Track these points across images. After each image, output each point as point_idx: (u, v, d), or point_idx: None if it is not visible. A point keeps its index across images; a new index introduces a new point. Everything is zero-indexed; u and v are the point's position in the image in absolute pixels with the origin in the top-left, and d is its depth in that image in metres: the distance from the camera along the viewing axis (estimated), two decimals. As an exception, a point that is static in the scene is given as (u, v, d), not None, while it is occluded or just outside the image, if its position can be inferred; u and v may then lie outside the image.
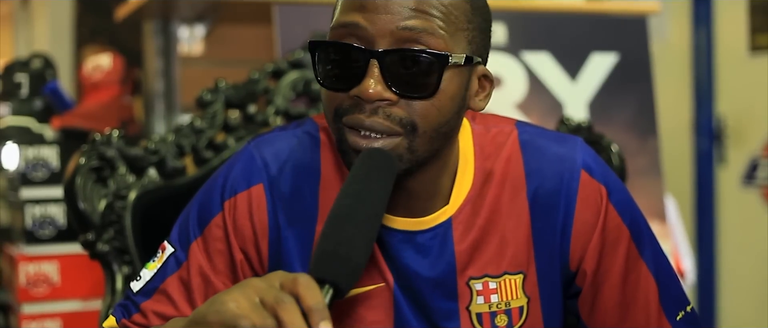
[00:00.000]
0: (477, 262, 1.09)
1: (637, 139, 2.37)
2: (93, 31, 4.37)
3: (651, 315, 1.11)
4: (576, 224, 1.10)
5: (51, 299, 2.30)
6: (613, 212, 1.11)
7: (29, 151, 2.33)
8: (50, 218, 2.32)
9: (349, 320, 1.10)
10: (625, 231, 1.11)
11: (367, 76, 0.96)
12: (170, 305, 1.09)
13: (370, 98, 0.96)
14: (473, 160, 1.10)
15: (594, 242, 1.10)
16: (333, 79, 1.00)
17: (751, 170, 3.33)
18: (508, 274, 1.10)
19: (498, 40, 2.30)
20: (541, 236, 1.10)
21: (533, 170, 1.10)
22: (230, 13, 2.47)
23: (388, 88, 0.97)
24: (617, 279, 1.11)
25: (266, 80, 1.57)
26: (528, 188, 1.10)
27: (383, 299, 1.10)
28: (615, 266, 1.11)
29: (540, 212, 1.10)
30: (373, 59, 0.96)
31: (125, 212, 1.41)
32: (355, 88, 0.97)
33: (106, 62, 3.00)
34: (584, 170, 1.10)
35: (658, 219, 2.32)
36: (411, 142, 0.99)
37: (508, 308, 1.10)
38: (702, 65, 3.45)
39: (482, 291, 1.09)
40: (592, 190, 1.10)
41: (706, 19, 3.43)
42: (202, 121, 1.50)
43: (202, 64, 2.64)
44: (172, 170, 1.45)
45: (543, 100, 2.31)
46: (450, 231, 1.09)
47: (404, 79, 0.97)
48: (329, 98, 1.01)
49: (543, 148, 1.11)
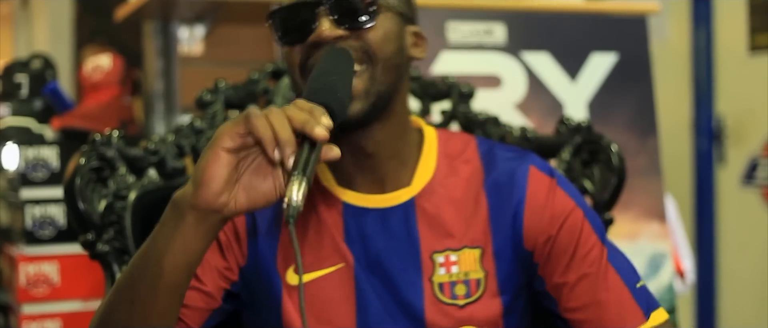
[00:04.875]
0: (439, 239, 1.20)
1: (637, 139, 2.37)
2: (93, 31, 4.37)
3: (608, 281, 1.18)
4: (528, 203, 1.20)
5: (51, 300, 2.30)
6: (561, 192, 1.21)
7: (29, 152, 2.33)
8: (50, 219, 2.31)
9: (314, 300, 1.19)
10: (575, 208, 1.21)
11: (319, 22, 1.12)
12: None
13: (327, 38, 1.12)
14: (436, 151, 1.23)
15: (545, 217, 1.20)
16: (292, 35, 1.15)
17: (750, 169, 3.33)
18: (467, 247, 1.20)
19: (497, 40, 2.30)
20: (497, 219, 1.20)
21: (490, 164, 1.23)
22: (230, 13, 2.47)
23: (340, 27, 1.12)
24: (571, 250, 1.19)
25: (266, 81, 1.57)
26: (485, 179, 1.22)
27: (345, 279, 1.19)
28: (568, 238, 1.19)
29: (496, 198, 1.21)
30: (320, 7, 1.12)
31: (125, 212, 1.41)
32: (313, 35, 1.12)
33: (106, 63, 3.00)
34: (532, 166, 1.22)
35: (657, 219, 2.32)
36: (372, 72, 1.13)
37: (466, 279, 1.20)
38: (702, 65, 3.45)
39: (444, 263, 1.19)
40: (540, 178, 1.22)
41: (706, 19, 3.44)
42: (202, 122, 1.50)
43: (201, 65, 2.65)
44: (172, 170, 1.46)
45: (543, 100, 2.31)
46: (413, 210, 1.19)
47: (349, 15, 1.12)
48: (292, 55, 1.15)
49: (498, 150, 1.25)
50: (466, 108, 1.61)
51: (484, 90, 2.11)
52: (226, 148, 0.98)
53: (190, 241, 1.02)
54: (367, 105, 1.13)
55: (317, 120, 0.98)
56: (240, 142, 0.98)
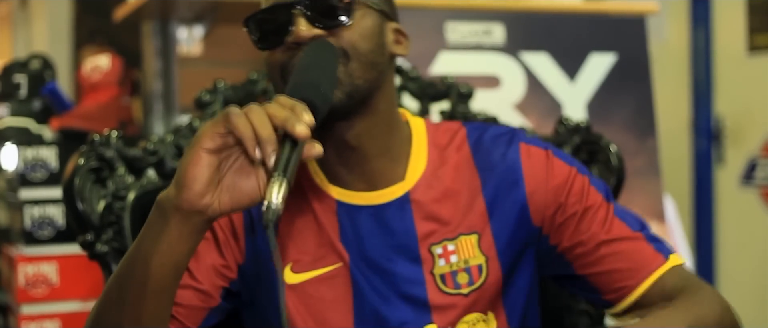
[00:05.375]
0: (436, 230, 1.19)
1: (636, 140, 2.38)
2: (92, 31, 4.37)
3: (618, 232, 1.19)
4: (527, 181, 1.21)
5: (50, 300, 2.30)
6: (558, 162, 1.22)
7: (28, 152, 2.33)
8: (49, 219, 2.31)
9: (311, 300, 1.18)
10: (575, 172, 1.22)
11: (296, 23, 1.12)
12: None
13: (304, 38, 1.11)
14: (426, 144, 1.23)
15: (550, 191, 1.20)
16: (269, 39, 1.15)
17: (749, 170, 3.33)
18: (462, 235, 1.20)
19: (496, 41, 2.30)
20: (495, 202, 1.21)
21: (480, 149, 1.23)
22: (229, 13, 2.47)
23: (315, 27, 1.12)
24: (579, 213, 1.20)
25: (265, 81, 1.57)
26: (476, 162, 1.22)
27: (341, 278, 1.18)
28: (574, 202, 1.20)
29: (491, 182, 1.21)
30: (296, 8, 1.12)
31: (124, 212, 1.41)
32: (290, 36, 1.12)
33: (105, 63, 3.00)
34: (522, 142, 1.23)
35: (656, 219, 2.32)
36: (347, 67, 1.12)
37: (467, 266, 1.19)
38: (700, 65, 3.45)
39: (443, 254, 1.19)
40: (534, 153, 1.22)
41: (705, 20, 3.43)
42: (201, 122, 1.50)
43: (200, 65, 2.65)
44: (171, 170, 1.45)
45: (542, 101, 2.31)
46: (408, 205, 1.19)
47: (326, 14, 1.12)
48: (271, 59, 1.15)
49: (486, 133, 1.25)
50: (465, 108, 1.61)
51: (483, 90, 2.11)
52: (207, 149, 0.97)
53: (175, 242, 1.01)
54: (344, 96, 1.12)
55: (299, 117, 0.97)
56: (221, 142, 0.97)
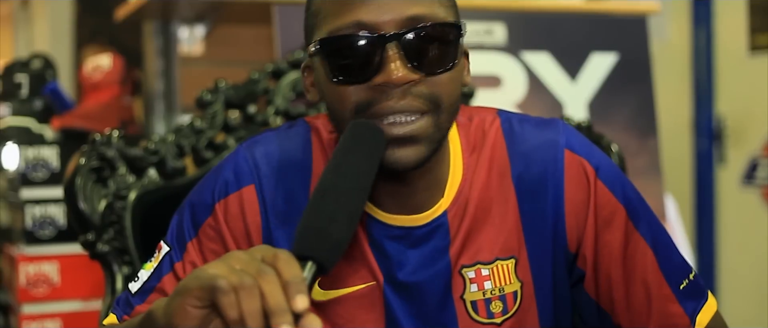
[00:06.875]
0: (469, 250, 1.10)
1: (637, 139, 2.38)
2: (93, 31, 4.37)
3: (652, 288, 1.10)
4: (567, 205, 1.10)
5: (51, 300, 2.30)
6: (603, 189, 1.10)
7: (29, 152, 2.33)
8: (50, 219, 2.32)
9: (341, 320, 1.11)
10: (618, 206, 1.11)
11: (389, 60, 0.96)
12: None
13: (398, 82, 0.96)
14: (461, 152, 1.12)
15: (589, 221, 1.10)
16: (351, 73, 0.99)
17: (750, 169, 3.33)
18: (499, 259, 1.10)
19: (498, 40, 2.30)
20: (531, 220, 1.10)
21: (517, 154, 1.11)
22: (230, 13, 2.47)
23: (413, 69, 0.97)
24: (617, 256, 1.10)
25: (266, 80, 1.57)
26: (513, 173, 1.11)
27: (374, 298, 1.10)
28: (613, 242, 1.10)
29: (527, 196, 1.10)
30: (391, 43, 0.97)
31: (125, 212, 1.41)
32: (379, 75, 0.97)
33: (106, 63, 3.00)
34: (568, 150, 1.11)
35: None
36: (437, 119, 1.00)
37: (502, 294, 1.10)
38: (702, 65, 3.45)
39: (475, 279, 1.10)
40: (578, 169, 1.10)
41: (706, 19, 3.43)
42: (202, 122, 1.50)
43: (202, 65, 2.64)
44: (172, 170, 1.46)
45: (543, 100, 2.31)
46: (446, 223, 1.09)
47: (426, 56, 0.98)
48: (346, 94, 1.00)
49: (525, 134, 1.12)
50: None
51: (484, 90, 2.11)
52: (192, 306, 0.83)
53: None
54: (428, 151, 1.01)
55: (294, 304, 0.79)
56: (205, 309, 0.83)
